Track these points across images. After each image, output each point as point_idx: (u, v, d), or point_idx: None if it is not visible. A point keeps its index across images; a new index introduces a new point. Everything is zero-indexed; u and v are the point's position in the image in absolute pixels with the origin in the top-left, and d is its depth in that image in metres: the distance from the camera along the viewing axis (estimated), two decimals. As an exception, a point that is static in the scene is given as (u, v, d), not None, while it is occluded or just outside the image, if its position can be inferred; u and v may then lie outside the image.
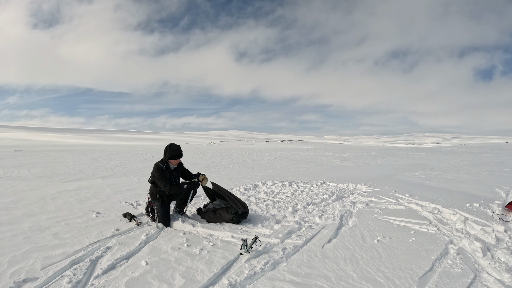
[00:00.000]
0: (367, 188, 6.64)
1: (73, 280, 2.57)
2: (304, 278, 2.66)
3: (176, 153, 4.25)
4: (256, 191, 6.50)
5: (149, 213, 4.38)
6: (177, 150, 4.26)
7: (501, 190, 6.46)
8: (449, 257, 3.07)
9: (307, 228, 3.94)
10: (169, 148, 4.25)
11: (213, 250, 3.25)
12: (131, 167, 11.88)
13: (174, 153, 4.24)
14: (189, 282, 2.60)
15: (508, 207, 4.53)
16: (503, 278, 2.63)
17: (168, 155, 4.23)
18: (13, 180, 8.02)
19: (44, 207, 4.89)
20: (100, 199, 5.57)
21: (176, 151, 4.25)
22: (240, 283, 2.58)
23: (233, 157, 18.05)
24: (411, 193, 5.92)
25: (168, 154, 4.23)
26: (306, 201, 5.48)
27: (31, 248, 3.18)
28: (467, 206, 4.80)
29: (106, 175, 9.55)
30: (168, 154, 4.23)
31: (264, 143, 46.77)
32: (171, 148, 4.25)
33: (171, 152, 4.23)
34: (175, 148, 4.26)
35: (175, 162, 4.33)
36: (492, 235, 3.54)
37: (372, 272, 2.75)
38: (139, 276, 2.68)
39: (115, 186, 6.98)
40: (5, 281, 2.52)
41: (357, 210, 4.85)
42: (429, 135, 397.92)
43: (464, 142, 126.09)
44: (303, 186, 7.05)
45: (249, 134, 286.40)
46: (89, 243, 3.37)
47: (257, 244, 3.20)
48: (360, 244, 3.43)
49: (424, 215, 4.54)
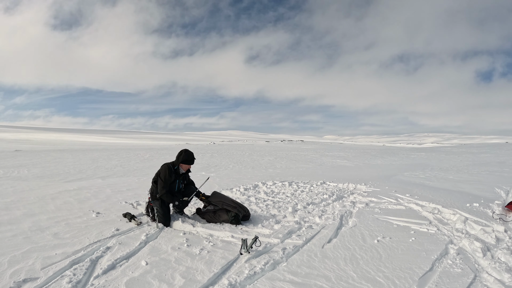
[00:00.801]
0: (367, 188, 6.63)
1: (73, 280, 2.57)
2: (304, 278, 2.66)
3: (189, 158, 4.35)
4: (256, 191, 6.50)
5: (149, 213, 4.38)
6: (190, 156, 4.37)
7: (501, 190, 6.45)
8: (449, 257, 3.07)
9: (307, 228, 3.94)
10: (184, 153, 4.35)
11: (213, 250, 3.25)
12: (131, 167, 11.88)
13: (188, 158, 4.33)
14: (189, 282, 2.60)
15: (508, 207, 4.53)
16: (503, 278, 2.63)
17: (181, 159, 4.32)
18: (13, 180, 8.02)
19: (44, 207, 4.89)
20: (100, 199, 5.57)
21: (189, 157, 4.35)
22: (240, 283, 2.58)
23: (233, 157, 18.06)
24: (411, 193, 5.92)
25: (181, 158, 4.32)
26: (306, 201, 5.48)
27: (31, 248, 3.18)
28: (467, 206, 4.79)
29: (106, 175, 9.56)
30: (181, 158, 4.32)
31: (264, 143, 46.76)
32: (186, 153, 4.35)
33: (185, 156, 4.32)
34: (189, 153, 4.37)
35: (186, 167, 4.42)
36: (492, 235, 3.54)
37: (372, 272, 2.75)
38: (139, 276, 2.68)
39: (115, 186, 6.98)
40: (5, 281, 2.52)
41: (357, 210, 4.85)
42: (429, 135, 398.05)
43: (464, 142, 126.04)
44: (303, 186, 7.05)
45: (249, 134, 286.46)
46: (89, 243, 3.37)
47: (257, 244, 3.20)
48: (360, 244, 3.43)
49: (424, 215, 4.54)
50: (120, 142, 45.19)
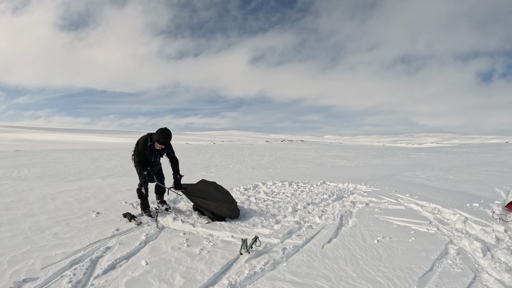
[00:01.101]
0: (367, 188, 6.63)
1: (73, 280, 2.57)
2: (304, 278, 2.66)
3: (162, 140, 4.33)
4: (256, 191, 6.50)
5: (144, 210, 4.51)
6: (163, 137, 4.32)
7: (501, 190, 6.45)
8: (449, 257, 3.07)
9: (307, 228, 3.94)
10: (159, 133, 4.32)
11: (213, 250, 3.25)
12: (131, 167, 11.87)
13: (160, 138, 4.32)
14: (189, 282, 2.60)
15: (508, 207, 4.53)
16: (503, 278, 2.63)
17: (155, 137, 4.34)
18: (13, 180, 8.02)
19: (44, 207, 4.89)
20: (100, 199, 5.57)
21: (162, 138, 4.32)
22: (240, 283, 2.58)
23: (233, 157, 18.05)
24: (411, 193, 5.91)
25: (155, 137, 4.34)
26: (306, 201, 5.48)
27: (31, 248, 3.18)
28: (467, 206, 4.79)
29: (106, 175, 9.56)
30: (155, 137, 4.34)
31: (264, 143, 46.77)
32: (160, 133, 4.32)
33: (158, 136, 4.32)
34: (163, 134, 4.32)
35: (159, 146, 4.43)
36: (492, 235, 3.54)
37: (372, 272, 2.75)
38: (139, 276, 2.68)
39: (115, 186, 6.98)
40: (5, 281, 2.52)
41: (357, 210, 4.85)
42: (429, 135, 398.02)
43: (464, 142, 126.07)
44: (303, 186, 7.05)
45: (249, 134, 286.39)
46: (89, 243, 3.37)
47: (257, 244, 3.20)
48: (360, 244, 3.43)
49: (424, 215, 4.54)
50: (117, 141, 45.25)
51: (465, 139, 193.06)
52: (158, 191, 4.84)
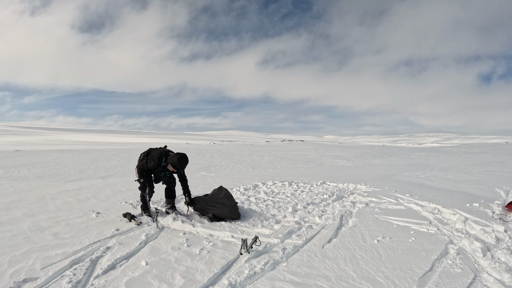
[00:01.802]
0: (367, 188, 6.63)
1: (73, 280, 2.57)
2: (304, 278, 2.66)
3: (178, 166, 4.28)
4: (256, 191, 6.50)
5: (144, 210, 4.50)
6: (179, 164, 4.26)
7: (501, 190, 6.45)
8: (449, 257, 3.07)
9: (307, 228, 3.94)
10: (177, 158, 4.23)
11: (213, 250, 3.25)
12: (131, 167, 11.87)
13: (176, 165, 4.26)
14: (189, 282, 2.60)
15: (508, 207, 4.53)
16: (503, 278, 2.63)
17: (171, 160, 4.27)
18: (13, 180, 8.02)
19: (44, 207, 4.89)
20: (100, 199, 5.57)
21: (178, 165, 4.26)
22: (240, 283, 2.58)
23: (233, 157, 18.05)
24: (411, 193, 5.92)
25: (171, 160, 4.26)
26: (306, 201, 5.48)
27: (31, 248, 3.18)
28: (467, 206, 4.79)
29: (106, 175, 9.55)
30: (171, 160, 4.26)
31: (264, 143, 46.78)
32: (179, 159, 4.24)
33: (174, 161, 4.24)
34: (180, 162, 4.25)
35: (172, 168, 4.38)
36: (492, 235, 3.54)
37: (372, 272, 2.75)
38: (139, 276, 2.68)
39: (115, 186, 6.98)
40: (5, 281, 2.52)
41: (357, 210, 4.85)
42: (429, 135, 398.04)
43: (464, 142, 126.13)
44: (303, 186, 7.05)
45: (249, 134, 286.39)
46: (89, 243, 3.37)
47: (257, 244, 3.20)
48: (360, 244, 3.43)
49: (424, 215, 4.54)
50: (117, 141, 45.30)
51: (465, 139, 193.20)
52: (169, 196, 4.68)
